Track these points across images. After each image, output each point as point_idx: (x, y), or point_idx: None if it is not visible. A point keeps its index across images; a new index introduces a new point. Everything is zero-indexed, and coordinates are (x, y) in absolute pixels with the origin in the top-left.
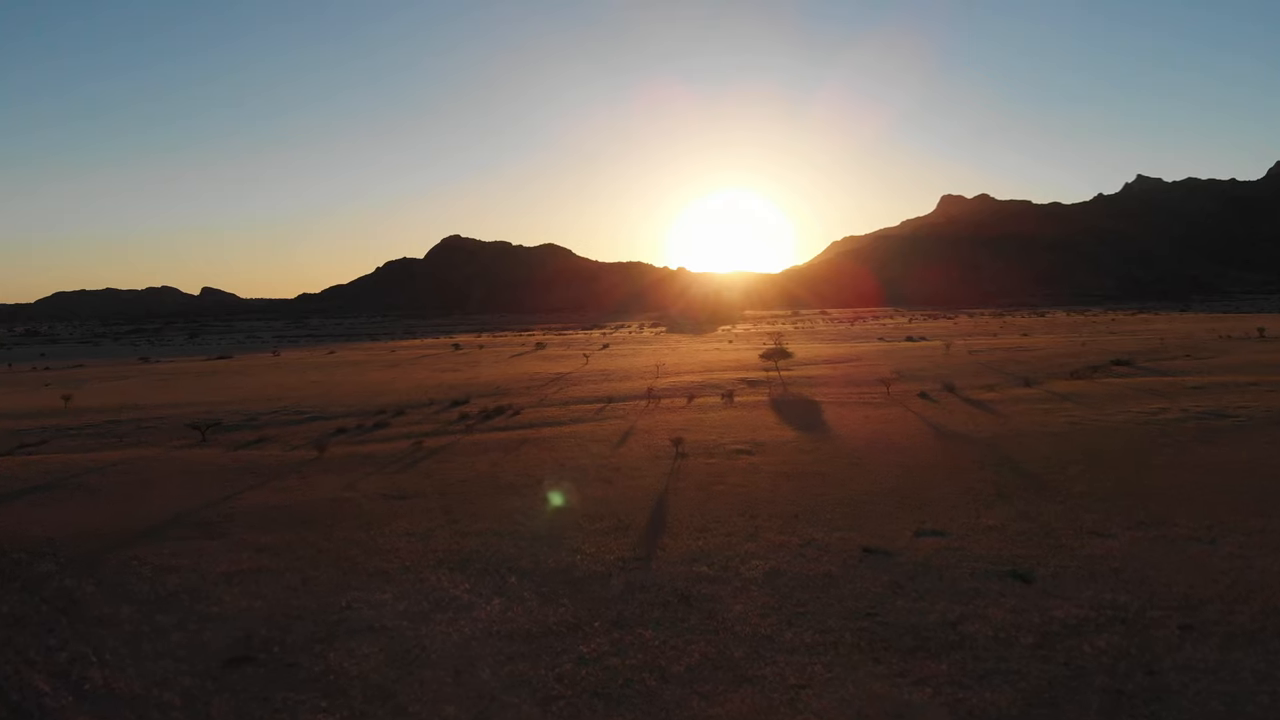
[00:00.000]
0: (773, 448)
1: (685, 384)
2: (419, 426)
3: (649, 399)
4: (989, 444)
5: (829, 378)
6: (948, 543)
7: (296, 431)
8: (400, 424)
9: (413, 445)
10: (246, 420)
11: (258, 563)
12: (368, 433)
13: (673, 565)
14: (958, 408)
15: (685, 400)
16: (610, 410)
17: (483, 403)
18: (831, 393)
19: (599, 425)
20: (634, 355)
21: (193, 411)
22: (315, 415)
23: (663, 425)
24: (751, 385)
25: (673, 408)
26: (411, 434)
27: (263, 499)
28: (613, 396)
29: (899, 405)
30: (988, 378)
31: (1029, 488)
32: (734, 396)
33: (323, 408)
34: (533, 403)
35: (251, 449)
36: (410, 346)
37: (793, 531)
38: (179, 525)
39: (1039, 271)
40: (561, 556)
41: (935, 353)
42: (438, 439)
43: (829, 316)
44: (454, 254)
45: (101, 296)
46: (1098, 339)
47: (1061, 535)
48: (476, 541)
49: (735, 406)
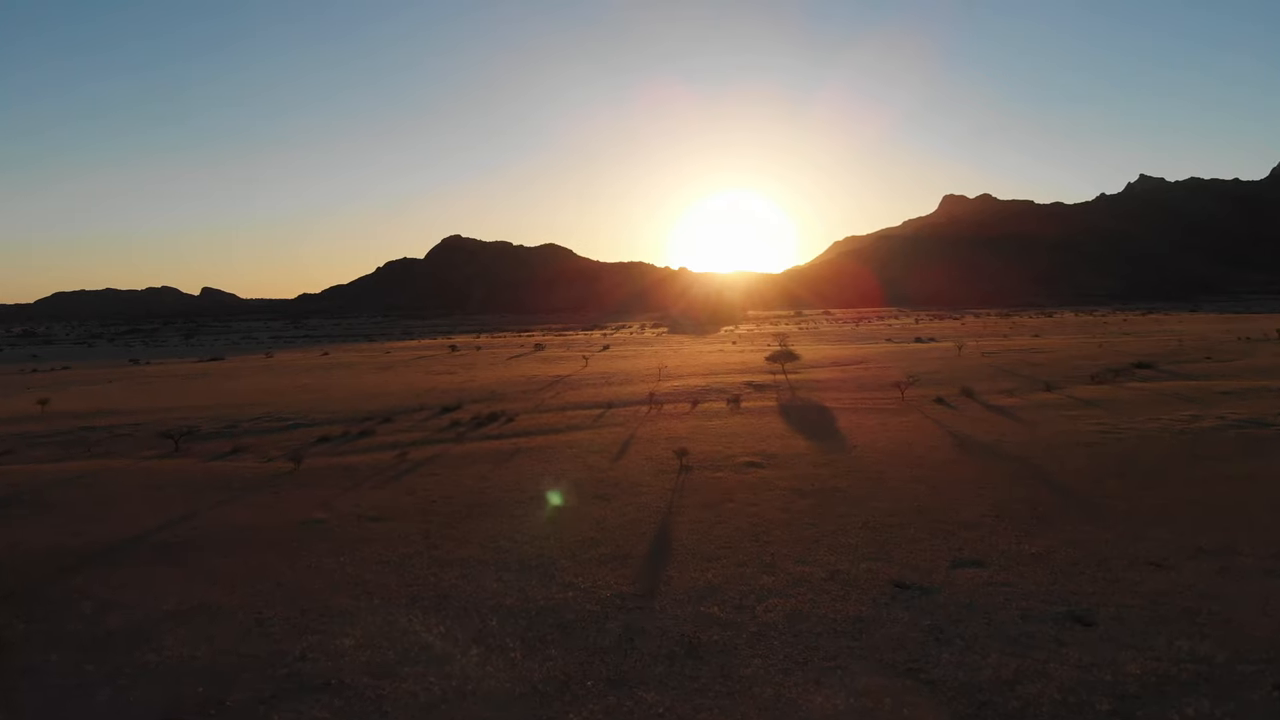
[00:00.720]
0: (784, 460)
1: (689, 388)
2: (406, 435)
3: (651, 404)
4: (1017, 456)
5: (839, 381)
6: (989, 575)
7: (277, 440)
8: (387, 432)
9: (397, 456)
10: (226, 428)
11: (211, 596)
12: (351, 442)
13: (678, 604)
14: (978, 415)
15: (689, 406)
16: (610, 417)
17: (476, 408)
18: (843, 398)
19: (597, 433)
20: (635, 357)
21: (172, 418)
22: (299, 422)
23: (665, 434)
24: (758, 390)
25: (676, 414)
26: (397, 443)
27: (229, 518)
28: (612, 402)
29: (916, 412)
30: (1005, 382)
31: (1068, 507)
32: (740, 402)
33: (308, 414)
34: (528, 408)
35: (226, 460)
36: (406, 348)
37: (813, 560)
38: (135, 549)
39: (1041, 271)
40: (552, 592)
41: (947, 355)
42: (425, 449)
43: (832, 317)
44: (454, 254)
45: (101, 297)
46: (1113, 340)
47: (1115, 565)
48: (457, 573)
49: (742, 413)
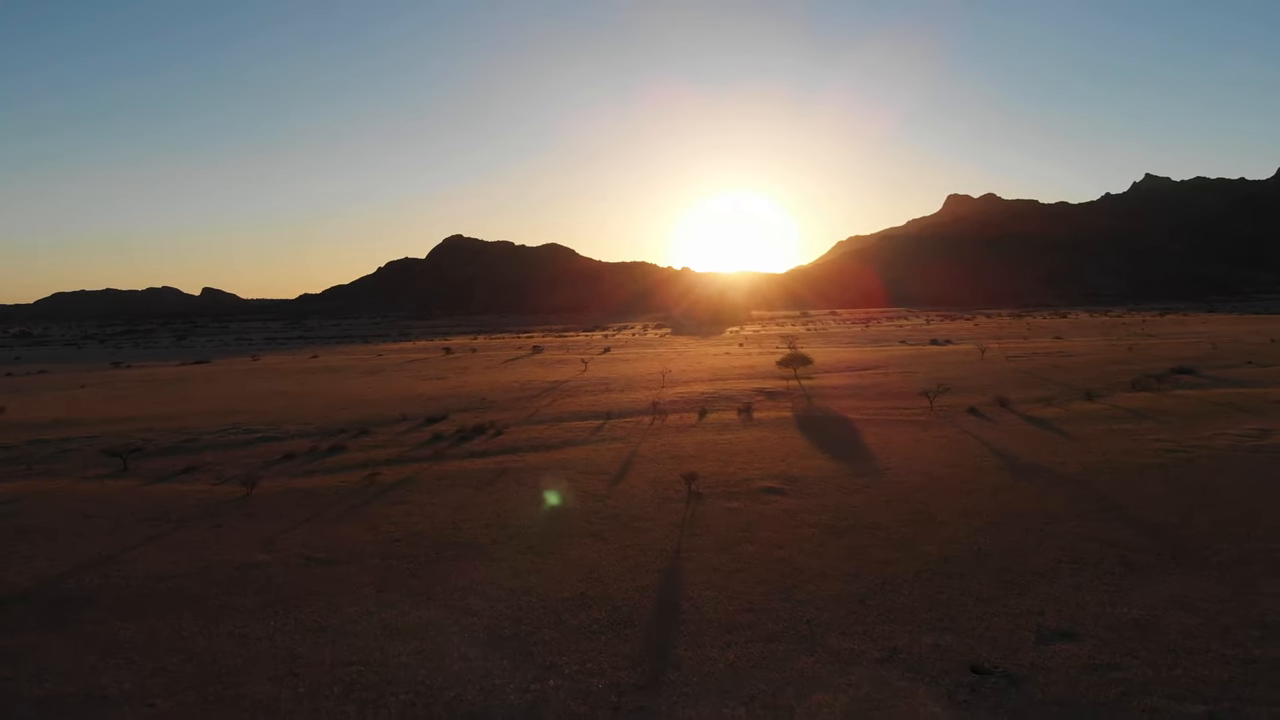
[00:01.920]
0: (809, 485)
1: (695, 395)
2: (381, 451)
3: (654, 414)
4: (1079, 481)
5: (858, 388)
6: (1089, 654)
7: (238, 457)
8: (360, 447)
9: (366, 478)
10: (186, 441)
11: (99, 678)
12: (319, 459)
13: (692, 702)
14: (1019, 428)
15: (696, 416)
16: (609, 430)
17: (462, 419)
18: (864, 407)
19: (595, 450)
20: (637, 360)
21: (134, 429)
22: (267, 434)
23: (670, 450)
24: (770, 397)
25: (682, 426)
26: (370, 462)
27: (153, 561)
28: (612, 411)
29: (949, 424)
30: (1039, 389)
31: (1159, 551)
32: (752, 412)
33: (280, 424)
34: (520, 419)
35: (175, 481)
36: (400, 350)
37: (862, 631)
38: (27, 604)
39: (1048, 271)
40: (527, 680)
41: (969, 359)
42: (399, 469)
43: (839, 317)
44: (456, 254)
45: (101, 297)
46: (1140, 343)
47: (1243, 638)
48: (410, 647)
49: (755, 425)
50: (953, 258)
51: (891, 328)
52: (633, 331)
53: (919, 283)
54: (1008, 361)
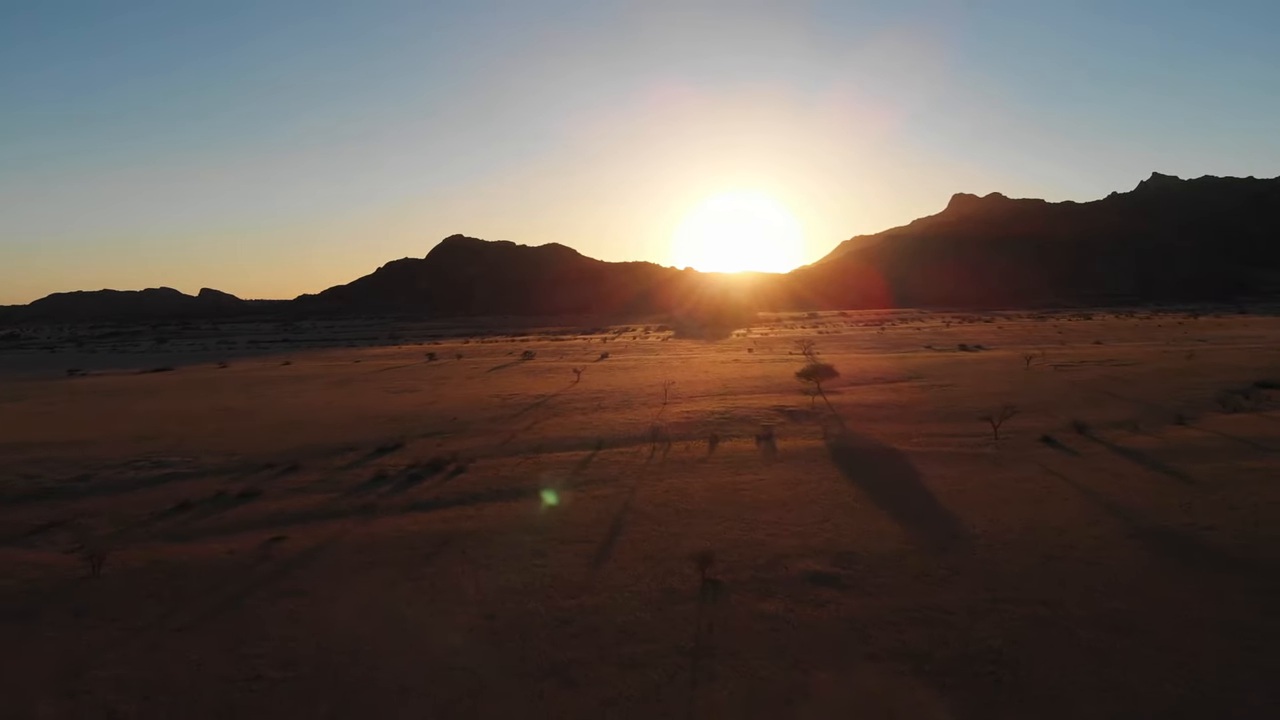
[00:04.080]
0: (872, 568)
1: (703, 414)
2: (301, 499)
3: (654, 442)
4: (1253, 563)
5: (897, 406)
6: None
7: (122, 505)
8: (279, 491)
9: (264, 546)
10: (78, 478)
11: None
12: (220, 510)
13: None
14: (1117, 466)
15: (706, 445)
16: (598, 465)
17: (421, 448)
18: (912, 434)
19: (577, 499)
20: (636, 369)
21: (21, 460)
22: (177, 470)
23: (676, 499)
24: (793, 419)
25: (689, 460)
26: (281, 516)
27: None
28: (604, 439)
29: (1026, 460)
30: (1112, 408)
31: None
32: (775, 438)
33: (202, 454)
34: (490, 448)
35: (16, 545)
36: (382, 355)
37: None
38: None
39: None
40: None
41: (1013, 369)
42: (314, 530)
43: (850, 319)
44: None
45: (98, 298)
46: (1196, 349)
47: None
48: None
49: (780, 458)
50: (958, 258)
51: (909, 330)
52: (633, 334)
53: (924, 283)
54: (1058, 372)
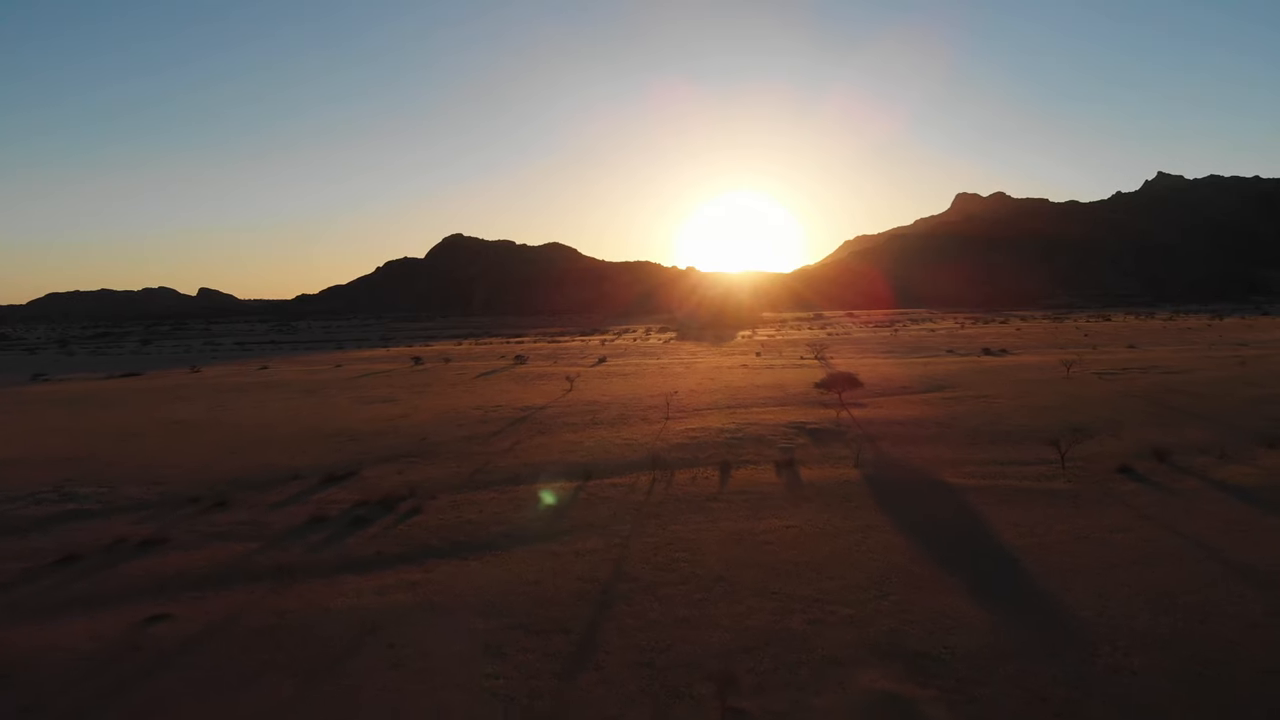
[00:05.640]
0: (963, 685)
1: (711, 433)
2: (213, 552)
3: (654, 470)
4: None
5: (935, 424)
6: None
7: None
8: (192, 537)
9: (132, 634)
10: None
11: None
12: (111, 566)
13: None
14: (1223, 509)
15: (717, 473)
16: (585, 504)
17: (377, 477)
18: (963, 461)
19: (555, 555)
20: (636, 375)
21: None
22: (85, 505)
23: (681, 556)
24: (817, 440)
25: (696, 496)
26: (177, 579)
27: None
28: (594, 466)
29: (1111, 498)
30: (1183, 427)
31: None
32: (797, 465)
33: (123, 482)
34: (459, 478)
35: None
36: (367, 359)
37: None
38: None
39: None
40: None
41: (1051, 377)
42: (210, 601)
43: (857, 320)
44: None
45: (96, 297)
46: (1242, 354)
47: None
48: None
49: (808, 495)
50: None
51: (922, 332)
52: (634, 336)
53: (928, 283)
54: (1103, 381)
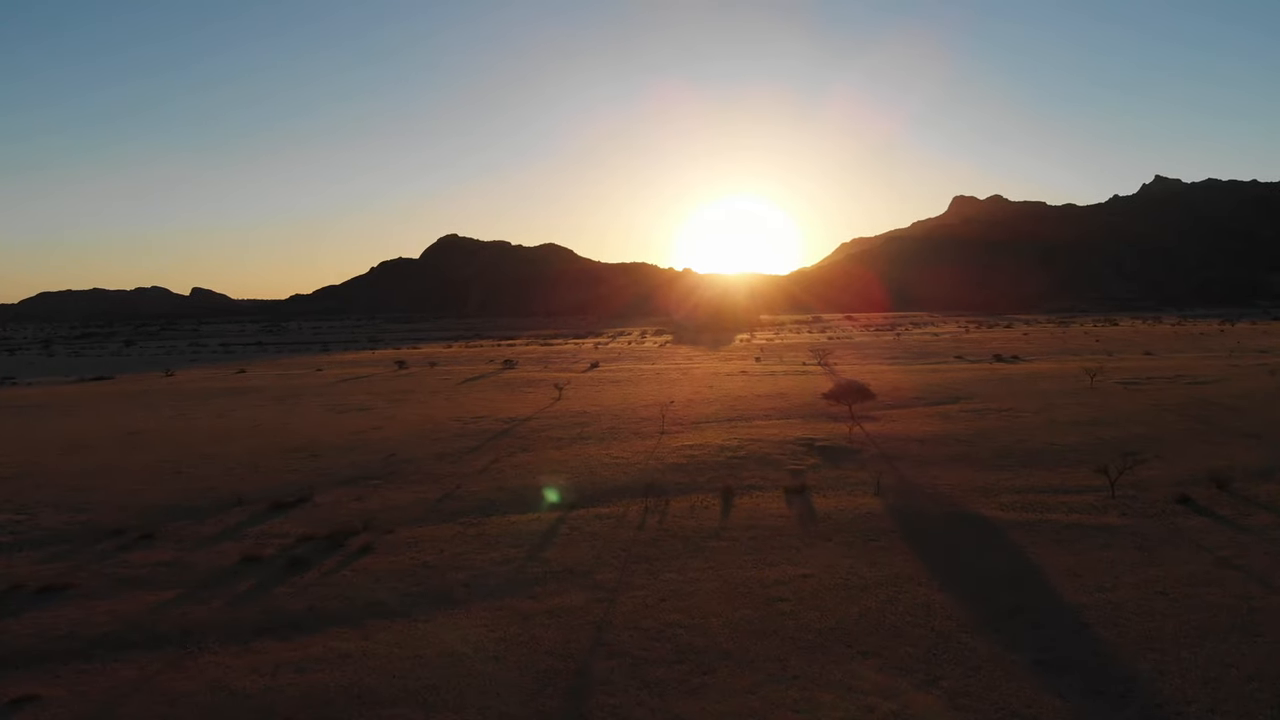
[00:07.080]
0: None
1: (710, 451)
2: (116, 605)
3: (647, 498)
4: None
5: (957, 441)
6: None
7: None
8: (101, 582)
9: None
10: None
11: None
12: None
13: None
14: None
15: (718, 501)
16: (565, 542)
17: (332, 503)
18: (995, 487)
19: (521, 623)
20: (630, 381)
21: None
22: None
23: (677, 628)
24: (829, 458)
25: (695, 532)
26: (63, 642)
27: None
28: (579, 493)
29: (1174, 535)
30: (1234, 447)
31: None
32: (809, 492)
33: (45, 507)
34: (424, 506)
35: None
36: (350, 362)
37: None
38: None
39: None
40: None
41: (1072, 387)
42: (93, 676)
43: (858, 323)
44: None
45: (88, 297)
46: (1270, 363)
47: None
48: None
49: (824, 530)
50: (959, 260)
51: (926, 337)
52: (629, 339)
53: (925, 286)
54: (1130, 392)
